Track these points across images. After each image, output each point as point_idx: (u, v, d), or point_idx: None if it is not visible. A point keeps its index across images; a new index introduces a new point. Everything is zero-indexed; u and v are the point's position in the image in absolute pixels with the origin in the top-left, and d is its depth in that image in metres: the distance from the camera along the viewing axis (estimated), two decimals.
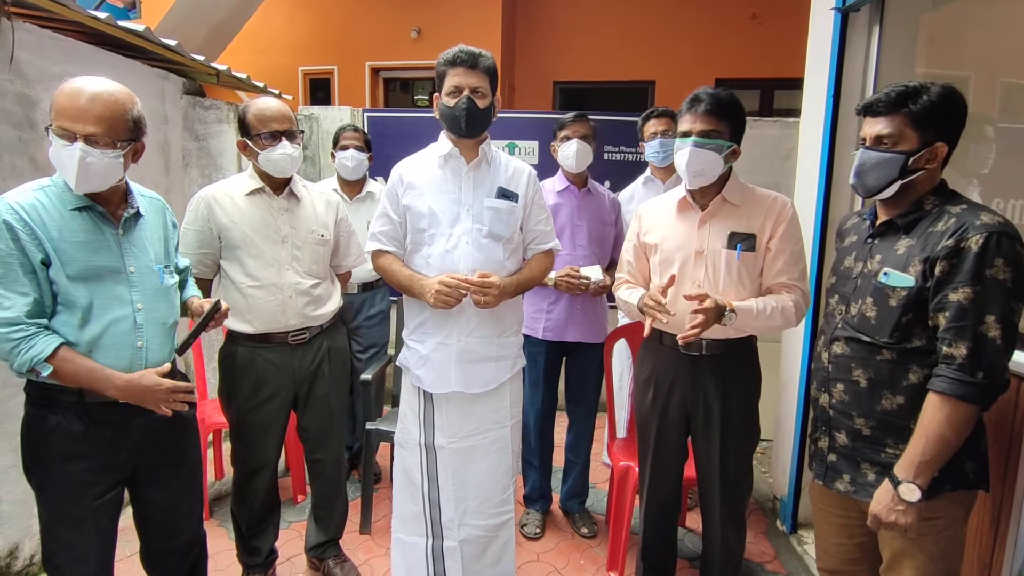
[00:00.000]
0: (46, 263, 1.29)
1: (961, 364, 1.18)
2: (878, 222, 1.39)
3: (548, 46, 6.04)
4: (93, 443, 1.36)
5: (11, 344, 1.25)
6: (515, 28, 6.04)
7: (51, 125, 1.28)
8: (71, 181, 1.29)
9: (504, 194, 1.70)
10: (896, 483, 1.23)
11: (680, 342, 1.57)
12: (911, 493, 1.21)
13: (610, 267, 2.39)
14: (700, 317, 1.50)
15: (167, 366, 1.42)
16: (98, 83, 1.31)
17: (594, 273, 2.22)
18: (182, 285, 1.61)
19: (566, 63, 6.04)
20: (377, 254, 1.76)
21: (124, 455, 1.42)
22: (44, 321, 1.30)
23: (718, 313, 1.52)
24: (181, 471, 1.56)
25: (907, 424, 1.29)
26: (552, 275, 2.23)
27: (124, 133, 1.33)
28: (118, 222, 1.39)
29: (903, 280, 1.28)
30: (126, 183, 1.44)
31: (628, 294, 1.78)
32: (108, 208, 1.39)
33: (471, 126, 1.63)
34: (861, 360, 1.36)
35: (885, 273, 1.31)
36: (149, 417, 1.41)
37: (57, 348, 1.27)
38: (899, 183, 1.30)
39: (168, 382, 1.37)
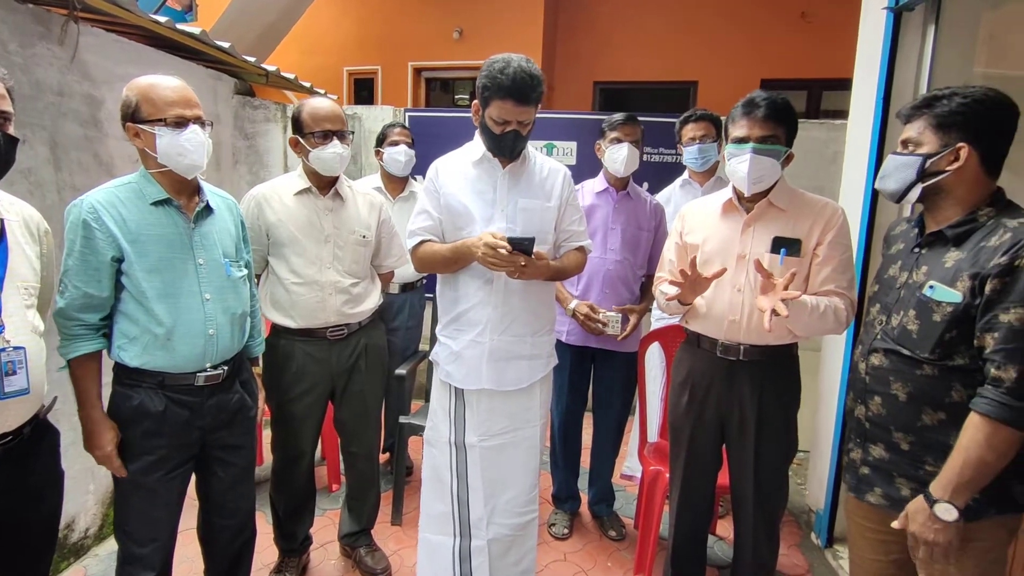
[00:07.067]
0: (119, 259, 1.40)
1: (1009, 387, 1.14)
2: (926, 231, 1.35)
3: (589, 46, 6.00)
4: (170, 422, 1.47)
5: (63, 334, 1.43)
6: (556, 28, 6.03)
7: (156, 121, 1.39)
8: (198, 161, 1.43)
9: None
10: (932, 502, 1.20)
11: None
12: (948, 513, 1.18)
13: (645, 288, 2.37)
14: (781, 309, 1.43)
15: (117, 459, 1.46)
16: (173, 78, 1.45)
17: (612, 322, 2.22)
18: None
19: (607, 63, 6.00)
20: (416, 245, 1.74)
21: (196, 434, 1.53)
22: (94, 317, 1.42)
23: None
24: (243, 453, 1.66)
25: (948, 441, 1.25)
26: (572, 304, 2.24)
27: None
28: (191, 216, 1.49)
29: (950, 295, 1.23)
30: (196, 179, 1.54)
31: (670, 289, 1.76)
32: (181, 202, 1.49)
33: (513, 153, 1.66)
34: (900, 373, 1.32)
35: (931, 286, 1.26)
36: (221, 397, 1.55)
37: (80, 355, 1.42)
38: (920, 186, 1.27)
39: (110, 453, 1.44)
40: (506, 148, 1.64)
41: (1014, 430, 1.14)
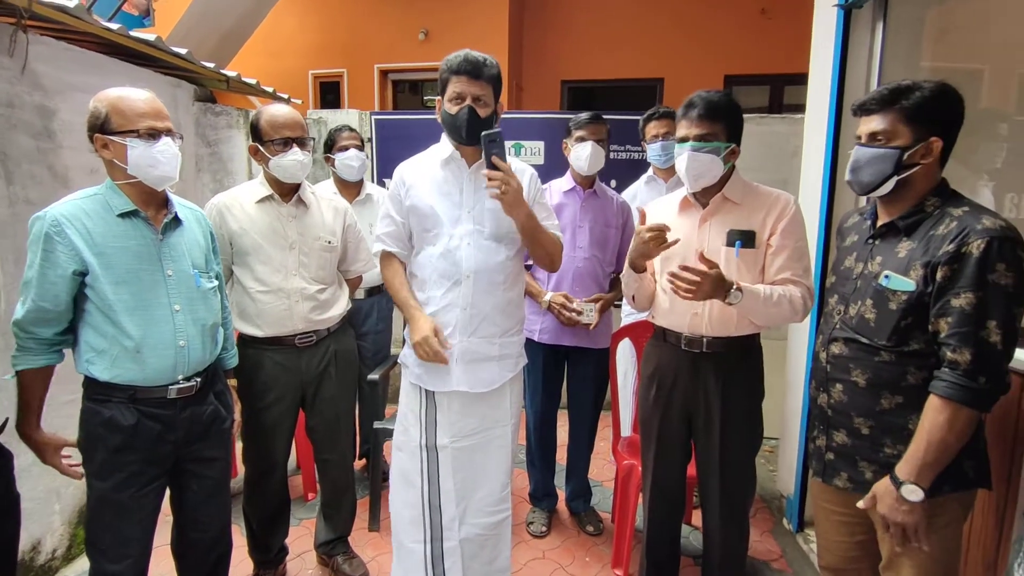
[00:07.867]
0: (82, 273, 1.38)
1: (966, 370, 1.18)
2: (879, 223, 1.39)
3: (556, 45, 6.05)
4: (142, 437, 1.45)
5: (16, 344, 1.42)
6: (523, 28, 6.05)
7: (128, 132, 1.39)
8: (170, 172, 1.44)
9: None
10: (898, 484, 1.24)
11: (668, 281, 1.54)
12: (913, 494, 1.22)
13: (613, 284, 2.40)
14: (697, 278, 1.48)
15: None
16: (142, 90, 1.45)
17: (587, 311, 2.24)
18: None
19: (574, 62, 6.05)
20: (384, 259, 1.78)
21: (169, 448, 1.51)
22: (47, 331, 1.41)
23: (719, 284, 1.51)
24: (217, 465, 1.64)
25: (905, 424, 1.30)
26: (547, 296, 2.26)
27: None
28: (158, 227, 1.48)
29: (904, 284, 1.28)
30: (165, 191, 1.53)
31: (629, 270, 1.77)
32: (149, 214, 1.47)
33: (472, 135, 1.63)
34: (859, 361, 1.36)
35: (886, 276, 1.31)
36: (195, 409, 1.53)
37: (26, 369, 1.42)
38: (895, 179, 1.30)
39: (59, 464, 1.48)
40: (462, 126, 1.63)
41: (972, 410, 1.19)
